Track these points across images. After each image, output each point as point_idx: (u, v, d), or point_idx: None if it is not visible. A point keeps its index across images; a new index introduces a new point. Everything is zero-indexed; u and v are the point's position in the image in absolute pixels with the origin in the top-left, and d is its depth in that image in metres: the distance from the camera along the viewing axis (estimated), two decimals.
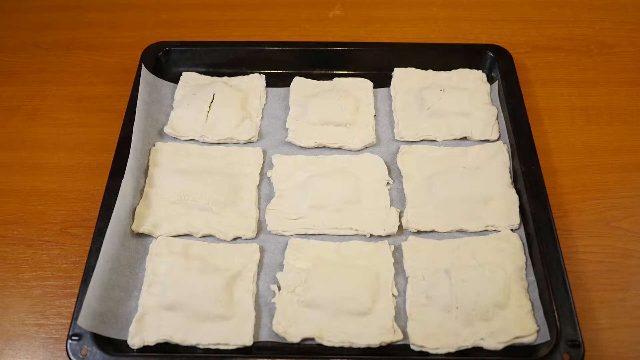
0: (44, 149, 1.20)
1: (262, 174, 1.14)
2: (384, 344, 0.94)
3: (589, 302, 1.01)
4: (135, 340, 0.94)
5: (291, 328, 0.95)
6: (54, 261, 1.06)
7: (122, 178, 1.06)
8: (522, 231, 1.06)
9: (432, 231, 1.07)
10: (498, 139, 1.18)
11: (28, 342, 0.98)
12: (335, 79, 1.28)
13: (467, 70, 1.29)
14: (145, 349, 0.94)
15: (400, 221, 1.08)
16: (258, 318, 0.97)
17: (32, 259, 1.06)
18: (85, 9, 1.45)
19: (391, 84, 1.27)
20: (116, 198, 1.03)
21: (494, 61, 1.28)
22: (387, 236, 1.06)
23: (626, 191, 1.13)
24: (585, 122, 1.24)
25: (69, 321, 0.95)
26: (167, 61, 1.29)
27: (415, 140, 1.19)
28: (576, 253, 1.06)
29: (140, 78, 1.20)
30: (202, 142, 1.18)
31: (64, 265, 1.05)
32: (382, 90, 1.27)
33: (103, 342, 0.93)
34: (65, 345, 0.92)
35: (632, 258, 1.06)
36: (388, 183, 1.13)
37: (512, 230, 1.06)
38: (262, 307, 0.98)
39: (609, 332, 0.98)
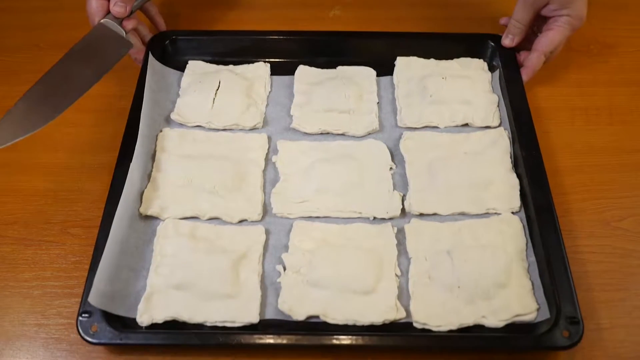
0: (44, 149, 1.20)
1: (267, 159, 1.16)
2: (387, 322, 0.96)
3: (589, 302, 1.01)
4: (144, 318, 0.96)
5: (296, 306, 0.97)
6: (54, 261, 1.06)
7: (130, 163, 1.08)
8: (522, 214, 1.08)
9: (434, 214, 1.08)
10: (499, 126, 1.19)
11: (28, 342, 0.98)
12: (339, 67, 1.29)
13: (468, 59, 1.30)
14: (153, 327, 0.96)
15: (403, 204, 1.09)
16: (264, 297, 0.99)
17: (32, 259, 1.06)
18: (85, 9, 1.44)
19: (394, 72, 1.28)
20: (124, 182, 1.05)
21: (494, 50, 1.29)
22: (391, 219, 1.08)
23: (626, 191, 1.14)
24: (585, 122, 1.24)
25: (69, 321, 0.98)
26: (173, 50, 1.31)
27: (417, 126, 1.20)
28: (576, 253, 1.06)
29: (148, 66, 1.21)
30: (208, 129, 1.20)
31: (64, 265, 1.05)
32: (385, 79, 1.29)
33: (112, 320, 0.95)
34: (75, 322, 0.94)
35: (632, 258, 1.06)
36: (391, 168, 1.14)
37: (512, 213, 1.08)
38: (268, 287, 1.01)
39: (609, 332, 0.99)
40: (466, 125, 1.21)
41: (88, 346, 0.96)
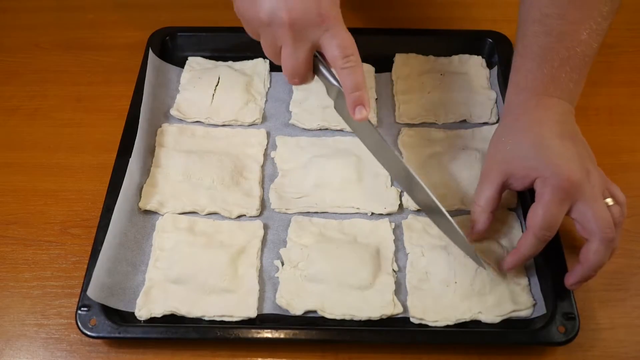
0: (44, 149, 1.20)
1: (266, 154, 1.17)
2: (384, 317, 0.97)
3: (589, 302, 1.01)
4: (142, 312, 0.96)
5: (294, 301, 0.98)
6: (54, 261, 1.06)
7: (130, 157, 1.09)
8: (519, 210, 1.09)
9: None
10: (497, 122, 1.19)
11: (28, 342, 0.98)
12: None
13: (466, 55, 1.31)
14: (152, 321, 0.96)
15: (400, 200, 1.10)
16: (262, 292, 1.00)
17: (32, 259, 1.06)
18: (85, 9, 1.45)
19: (392, 68, 1.29)
20: (123, 177, 1.06)
21: (493, 47, 1.30)
22: (388, 214, 1.09)
23: (626, 191, 1.12)
24: (585, 122, 1.22)
25: (69, 321, 0.97)
26: (173, 46, 1.32)
27: (415, 123, 1.21)
28: (576, 253, 1.05)
29: (148, 62, 1.22)
30: (208, 124, 1.21)
31: (64, 265, 1.05)
32: (383, 75, 1.29)
33: (111, 314, 0.95)
34: (74, 315, 0.95)
35: (632, 258, 1.06)
36: None
37: (509, 209, 1.09)
38: (266, 282, 1.01)
39: (609, 332, 0.98)
40: (464, 121, 1.21)
41: (88, 346, 0.97)
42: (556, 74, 0.99)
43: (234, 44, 1.31)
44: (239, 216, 1.08)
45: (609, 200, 0.94)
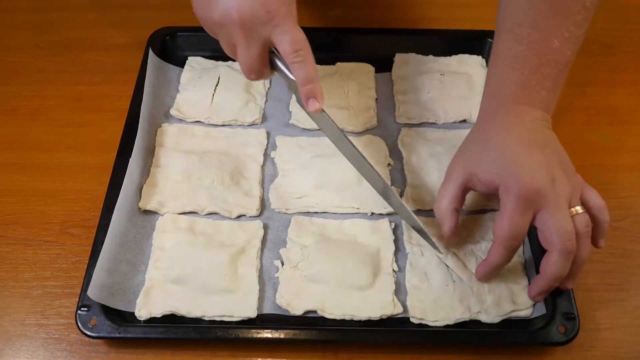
0: (44, 149, 1.20)
1: (266, 154, 1.17)
2: (384, 317, 0.97)
3: (589, 302, 1.01)
4: (142, 312, 0.96)
5: (294, 301, 0.98)
6: (54, 261, 1.06)
7: (130, 157, 1.09)
8: None
9: (431, 209, 1.07)
10: None
11: (28, 342, 0.98)
12: (338, 63, 1.30)
13: (466, 55, 1.31)
14: (152, 321, 0.96)
15: None
16: (262, 292, 1.00)
17: (32, 259, 1.06)
18: (85, 9, 1.45)
19: (392, 68, 1.29)
20: (123, 177, 1.06)
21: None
22: (388, 214, 1.09)
23: (626, 191, 1.13)
24: (585, 122, 1.23)
25: (69, 321, 0.97)
26: (173, 46, 1.32)
27: (415, 122, 1.21)
28: None
29: (148, 61, 1.22)
30: (208, 124, 1.21)
31: (64, 265, 1.05)
32: (383, 75, 1.29)
33: (111, 314, 0.95)
34: (74, 315, 0.95)
35: (632, 258, 1.06)
36: (389, 164, 1.15)
37: None
38: (266, 282, 1.01)
39: (609, 332, 0.98)
40: (464, 121, 1.21)
41: (88, 346, 0.97)
42: (526, 81, 0.98)
43: None
44: (239, 216, 1.08)
45: (578, 209, 0.92)
